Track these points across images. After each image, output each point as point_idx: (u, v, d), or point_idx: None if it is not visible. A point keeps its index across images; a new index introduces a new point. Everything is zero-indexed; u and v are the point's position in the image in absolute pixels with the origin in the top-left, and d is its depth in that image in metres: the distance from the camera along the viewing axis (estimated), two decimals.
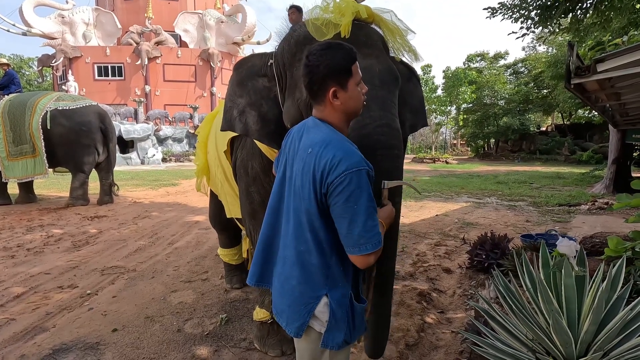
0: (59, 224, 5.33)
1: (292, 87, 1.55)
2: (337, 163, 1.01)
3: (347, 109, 1.13)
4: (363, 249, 1.01)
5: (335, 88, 1.10)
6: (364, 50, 1.45)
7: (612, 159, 8.76)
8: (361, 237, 1.01)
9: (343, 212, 1.02)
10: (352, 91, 1.12)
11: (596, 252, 2.79)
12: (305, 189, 1.07)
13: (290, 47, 1.56)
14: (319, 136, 1.09)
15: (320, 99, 1.13)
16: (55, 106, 6.36)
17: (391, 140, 1.33)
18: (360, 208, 1.00)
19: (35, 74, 33.68)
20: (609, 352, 1.25)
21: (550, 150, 23.08)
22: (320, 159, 1.04)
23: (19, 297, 2.88)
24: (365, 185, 1.02)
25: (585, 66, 3.34)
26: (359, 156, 1.04)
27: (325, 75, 1.09)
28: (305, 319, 1.11)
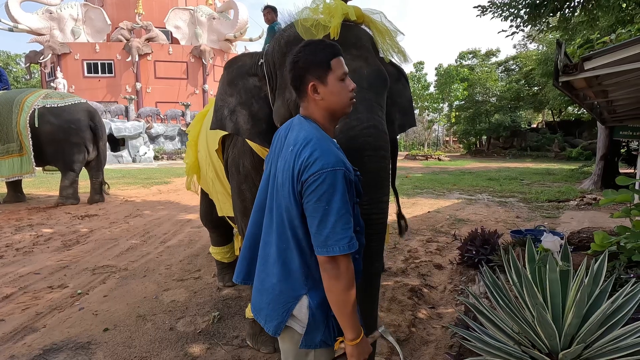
0: (48, 223, 5.26)
1: (282, 87, 1.56)
2: (313, 161, 0.99)
3: (330, 104, 1.11)
4: (330, 250, 0.98)
5: (314, 82, 1.09)
6: (353, 51, 1.46)
7: (600, 156, 8.91)
8: (329, 238, 0.98)
9: (314, 211, 0.99)
10: (333, 86, 1.10)
11: (583, 247, 2.84)
12: (285, 187, 1.06)
13: (281, 47, 1.57)
14: (302, 134, 1.08)
15: (303, 94, 1.12)
16: (44, 104, 6.25)
17: (378, 141, 1.35)
18: (331, 208, 0.98)
19: (23, 70, 32.99)
20: (592, 344, 1.28)
21: (540, 147, 23.37)
22: (299, 156, 1.03)
23: (8, 297, 2.85)
24: (339, 186, 0.98)
25: (573, 64, 3.38)
26: (337, 157, 1.02)
27: (304, 70, 1.09)
28: (283, 317, 1.09)
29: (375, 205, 1.36)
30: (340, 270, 1.00)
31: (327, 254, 0.99)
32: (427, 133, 32.59)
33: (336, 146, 1.09)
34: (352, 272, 1.02)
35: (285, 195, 1.06)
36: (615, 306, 1.34)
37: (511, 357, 1.34)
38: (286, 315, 1.09)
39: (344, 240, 0.98)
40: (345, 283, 1.01)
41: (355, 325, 1.04)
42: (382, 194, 1.38)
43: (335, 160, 1.01)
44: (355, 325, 1.04)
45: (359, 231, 1.18)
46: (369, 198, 1.34)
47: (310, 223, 1.02)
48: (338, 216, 0.98)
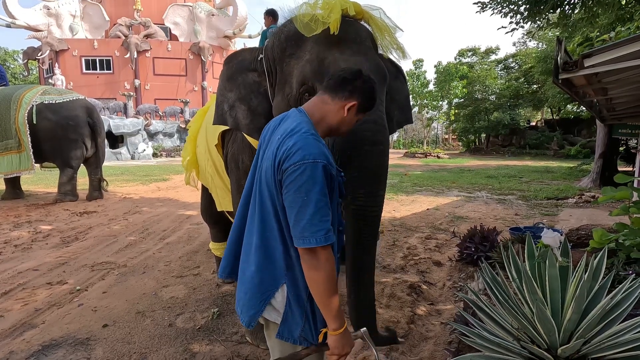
0: (47, 220, 5.25)
1: (282, 82, 1.56)
2: (295, 151, 0.99)
3: (340, 125, 1.16)
4: (307, 241, 0.98)
5: (356, 106, 1.14)
6: (352, 46, 1.47)
7: (599, 154, 8.92)
8: (305, 229, 0.98)
9: (293, 202, 1.00)
10: (355, 121, 1.17)
11: (582, 244, 2.85)
12: (268, 174, 1.06)
13: (281, 43, 1.56)
14: (293, 124, 1.09)
15: (334, 98, 1.14)
16: (42, 100, 6.22)
17: (376, 136, 1.37)
18: (310, 200, 0.97)
19: (21, 67, 32.81)
20: (591, 339, 1.29)
21: (539, 145, 23.38)
22: (282, 145, 1.03)
23: (7, 293, 2.85)
24: (319, 179, 0.98)
25: (573, 61, 3.37)
26: (320, 150, 1.02)
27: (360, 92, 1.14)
28: (259, 308, 1.09)
29: (371, 199, 1.37)
30: (319, 262, 1.00)
31: (303, 245, 0.99)
32: (426, 131, 32.58)
33: (322, 143, 1.08)
34: (332, 264, 1.02)
35: (269, 181, 1.06)
36: (614, 302, 1.34)
37: (510, 352, 1.34)
38: (262, 305, 1.09)
39: (321, 232, 0.98)
40: (325, 274, 1.01)
41: (337, 316, 1.04)
42: (379, 188, 1.39)
43: (318, 152, 1.00)
44: (337, 316, 1.04)
45: (341, 231, 1.20)
46: (366, 191, 1.36)
47: (289, 213, 1.02)
48: (316, 208, 0.98)
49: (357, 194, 1.35)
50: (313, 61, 1.45)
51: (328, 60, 1.44)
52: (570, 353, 1.26)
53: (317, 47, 1.47)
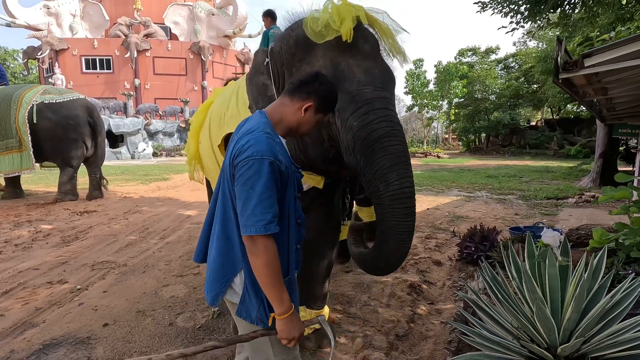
0: (47, 219, 5.25)
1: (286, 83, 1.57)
2: (246, 149, 1.10)
3: (299, 126, 1.24)
4: (248, 230, 1.07)
5: (312, 106, 1.22)
6: (362, 51, 1.52)
7: (599, 153, 8.92)
8: (249, 219, 1.07)
9: (240, 194, 1.10)
10: (313, 121, 1.25)
11: (582, 244, 2.85)
12: (227, 169, 1.17)
13: (290, 48, 1.58)
14: (251, 125, 1.19)
15: (292, 99, 1.23)
16: (42, 99, 6.21)
17: (394, 129, 1.44)
18: (254, 193, 1.07)
19: (21, 66, 32.78)
20: (590, 338, 1.29)
21: (539, 145, 23.37)
22: (238, 143, 1.15)
23: (7, 292, 2.85)
24: (264, 174, 1.07)
25: (573, 61, 3.38)
26: (268, 147, 1.10)
27: (318, 93, 1.22)
28: (220, 289, 1.20)
29: (405, 180, 1.42)
30: (257, 248, 1.09)
31: (245, 233, 1.09)
32: (426, 130, 32.56)
33: (275, 141, 1.17)
34: (270, 252, 1.09)
35: (227, 176, 1.18)
36: (614, 301, 1.35)
37: (510, 351, 1.35)
38: (223, 287, 1.20)
39: (261, 222, 1.07)
40: (263, 260, 1.09)
41: (280, 300, 1.12)
42: (407, 170, 1.45)
43: (266, 149, 1.10)
44: (280, 300, 1.12)
45: (300, 224, 1.28)
46: (398, 174, 1.41)
47: (237, 204, 1.12)
48: (259, 200, 1.07)
49: (389, 179, 1.40)
50: (327, 67, 1.51)
51: (342, 65, 1.50)
52: (570, 352, 1.26)
53: (330, 53, 1.52)
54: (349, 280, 3.05)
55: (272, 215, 1.08)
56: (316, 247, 2.07)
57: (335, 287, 2.92)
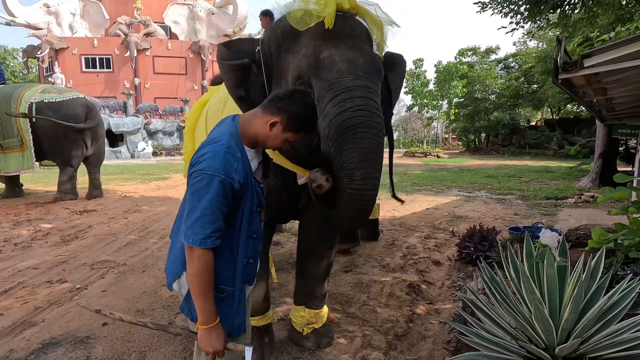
0: (47, 218, 5.25)
1: (278, 76, 1.56)
2: (202, 161, 1.12)
3: (265, 140, 1.25)
4: (186, 239, 1.11)
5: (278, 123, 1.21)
6: (347, 41, 1.46)
7: (599, 154, 8.93)
8: (188, 229, 1.11)
9: (187, 202, 1.14)
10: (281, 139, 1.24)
11: (581, 244, 2.86)
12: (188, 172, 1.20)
13: (277, 37, 1.56)
14: (218, 132, 1.22)
15: (265, 111, 1.23)
16: (41, 98, 6.21)
17: (371, 120, 1.37)
18: (199, 205, 1.10)
19: (20, 65, 32.77)
20: (588, 339, 1.29)
21: (539, 145, 23.38)
22: (199, 150, 1.18)
23: (7, 292, 2.85)
24: (212, 190, 1.09)
25: (573, 61, 3.38)
26: (223, 164, 1.12)
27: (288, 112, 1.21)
28: (171, 279, 1.28)
29: (367, 181, 1.37)
30: (192, 258, 1.12)
31: (184, 241, 1.12)
32: (426, 130, 32.58)
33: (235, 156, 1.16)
34: (204, 264, 1.12)
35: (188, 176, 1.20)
36: (611, 302, 1.35)
37: (508, 351, 1.35)
38: (173, 278, 1.26)
39: (198, 235, 1.10)
40: (194, 270, 1.12)
41: (203, 311, 1.15)
42: (374, 170, 1.40)
43: (218, 167, 1.11)
44: (203, 311, 1.15)
45: (255, 238, 1.29)
46: (362, 173, 1.36)
47: (185, 211, 1.15)
48: (202, 214, 1.10)
49: (353, 177, 1.36)
50: (309, 56, 1.45)
51: (324, 54, 1.44)
52: (567, 352, 1.27)
53: (313, 42, 1.47)
54: (348, 280, 3.06)
55: (211, 231, 1.10)
56: (315, 246, 2.07)
57: (334, 286, 2.92)
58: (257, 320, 2.02)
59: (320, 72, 1.42)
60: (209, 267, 1.13)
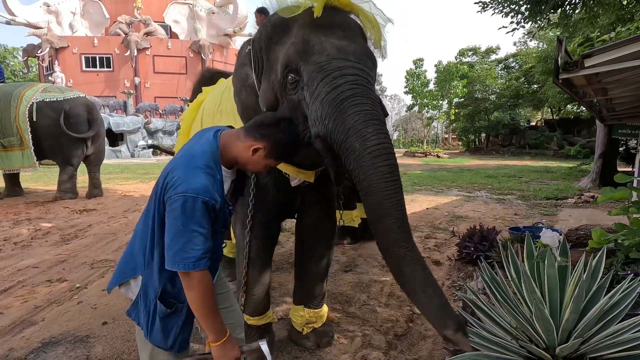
0: (47, 217, 5.25)
1: (268, 69, 1.55)
2: (181, 183, 1.09)
3: (246, 163, 1.25)
4: (176, 266, 1.08)
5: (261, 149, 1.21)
6: (339, 32, 1.42)
7: (599, 154, 8.93)
8: (177, 255, 1.08)
9: (170, 227, 1.09)
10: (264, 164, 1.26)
11: (581, 244, 2.85)
12: (159, 183, 1.18)
13: (267, 31, 1.55)
14: (196, 150, 1.19)
15: (249, 135, 1.23)
16: (42, 98, 6.20)
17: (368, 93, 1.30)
18: (185, 230, 1.07)
19: (20, 64, 32.77)
20: (589, 339, 1.29)
21: (539, 145, 23.39)
22: (173, 170, 1.14)
23: (7, 290, 2.85)
24: (197, 212, 1.08)
25: (573, 61, 3.38)
26: (204, 185, 1.10)
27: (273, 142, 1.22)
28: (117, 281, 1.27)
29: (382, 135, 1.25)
30: (192, 283, 1.10)
31: (172, 268, 1.09)
32: (426, 130, 32.58)
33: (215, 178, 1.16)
34: (205, 285, 1.11)
35: (157, 190, 1.17)
36: (612, 302, 1.35)
37: (508, 351, 1.35)
38: (121, 280, 1.26)
39: (190, 259, 1.07)
40: (198, 294, 1.11)
41: (214, 330, 1.15)
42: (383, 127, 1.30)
43: (200, 187, 1.09)
44: (214, 330, 1.15)
45: (214, 259, 1.27)
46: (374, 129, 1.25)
47: (166, 235, 1.12)
48: (189, 238, 1.08)
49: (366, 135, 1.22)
50: (297, 43, 1.41)
51: (313, 41, 1.39)
52: (568, 352, 1.27)
53: (302, 31, 1.43)
54: (348, 280, 3.05)
55: (202, 252, 1.09)
56: (313, 246, 2.07)
57: (334, 286, 2.92)
58: (257, 320, 2.02)
59: (310, 56, 1.36)
60: (210, 287, 1.13)
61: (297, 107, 1.42)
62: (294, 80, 1.40)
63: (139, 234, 1.25)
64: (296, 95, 1.41)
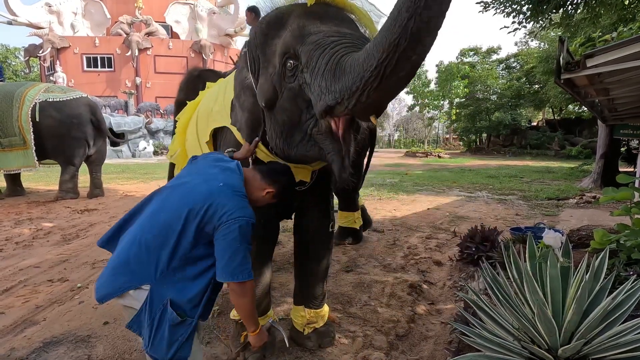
0: (48, 217, 5.26)
1: (265, 65, 1.55)
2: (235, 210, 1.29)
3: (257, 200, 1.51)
4: (238, 277, 1.29)
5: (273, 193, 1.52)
6: (334, 21, 1.43)
7: (600, 154, 8.90)
8: (236, 269, 1.29)
9: (228, 246, 1.28)
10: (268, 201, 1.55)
11: (583, 245, 2.85)
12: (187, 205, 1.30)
13: (262, 29, 1.56)
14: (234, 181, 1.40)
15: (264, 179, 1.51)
16: (45, 98, 6.20)
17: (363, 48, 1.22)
18: (241, 247, 1.29)
19: (22, 64, 32.81)
20: (591, 340, 1.29)
21: (540, 145, 23.33)
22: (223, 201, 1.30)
23: (8, 290, 2.85)
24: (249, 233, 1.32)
25: (575, 61, 3.37)
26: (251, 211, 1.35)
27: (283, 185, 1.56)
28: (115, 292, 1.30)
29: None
30: (246, 290, 1.35)
31: (235, 280, 1.29)
32: (427, 130, 32.53)
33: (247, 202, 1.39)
34: (253, 289, 1.43)
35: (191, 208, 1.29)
36: (615, 303, 1.34)
37: (510, 352, 1.34)
38: (121, 291, 1.29)
39: (246, 270, 1.31)
40: (249, 299, 1.38)
41: (255, 323, 1.47)
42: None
43: (250, 213, 1.34)
44: (255, 323, 1.47)
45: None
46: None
47: (221, 254, 1.29)
48: (245, 253, 1.31)
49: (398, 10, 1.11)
50: (294, 29, 1.42)
51: (309, 26, 1.39)
52: (570, 353, 1.26)
53: (298, 20, 1.44)
54: (349, 280, 3.05)
55: (251, 264, 1.33)
56: (312, 247, 2.07)
57: (335, 286, 2.91)
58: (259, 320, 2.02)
59: (307, 38, 1.36)
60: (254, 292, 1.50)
61: (297, 94, 1.42)
62: (293, 67, 1.40)
63: (143, 243, 1.29)
64: (296, 81, 1.40)
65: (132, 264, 1.28)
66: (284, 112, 1.50)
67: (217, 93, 2.26)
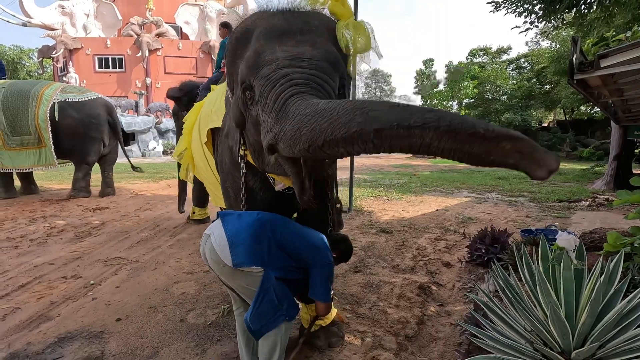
0: (61, 215, 5.36)
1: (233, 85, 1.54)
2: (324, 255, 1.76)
3: None
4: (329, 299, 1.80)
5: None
6: (296, 37, 1.36)
7: (614, 156, 8.75)
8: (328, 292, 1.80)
9: (323, 274, 1.77)
10: None
11: (595, 248, 2.81)
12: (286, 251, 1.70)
13: (232, 46, 1.52)
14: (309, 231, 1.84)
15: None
16: (64, 98, 6.29)
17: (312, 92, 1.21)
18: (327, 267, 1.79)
19: (36, 65, 33.49)
20: (606, 343, 1.27)
21: (551, 146, 22.95)
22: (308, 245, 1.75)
23: (24, 286, 2.92)
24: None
25: (589, 62, 3.33)
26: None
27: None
28: (249, 262, 1.58)
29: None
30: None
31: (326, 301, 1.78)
32: None
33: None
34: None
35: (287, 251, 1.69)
36: (630, 306, 1.33)
37: (522, 355, 1.33)
38: (256, 264, 1.59)
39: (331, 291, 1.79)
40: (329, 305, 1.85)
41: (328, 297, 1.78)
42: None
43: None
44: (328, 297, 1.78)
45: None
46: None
47: (319, 278, 1.74)
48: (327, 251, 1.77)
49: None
50: (250, 57, 1.36)
51: (265, 53, 1.33)
52: (584, 357, 1.25)
53: (258, 42, 1.38)
54: (358, 281, 3.05)
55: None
56: None
57: (344, 287, 2.92)
58: None
59: (260, 70, 1.30)
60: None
61: (257, 122, 1.39)
62: (250, 97, 1.38)
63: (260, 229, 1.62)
64: (254, 110, 1.39)
65: (256, 244, 1.61)
66: (252, 134, 1.52)
67: (217, 94, 2.30)
